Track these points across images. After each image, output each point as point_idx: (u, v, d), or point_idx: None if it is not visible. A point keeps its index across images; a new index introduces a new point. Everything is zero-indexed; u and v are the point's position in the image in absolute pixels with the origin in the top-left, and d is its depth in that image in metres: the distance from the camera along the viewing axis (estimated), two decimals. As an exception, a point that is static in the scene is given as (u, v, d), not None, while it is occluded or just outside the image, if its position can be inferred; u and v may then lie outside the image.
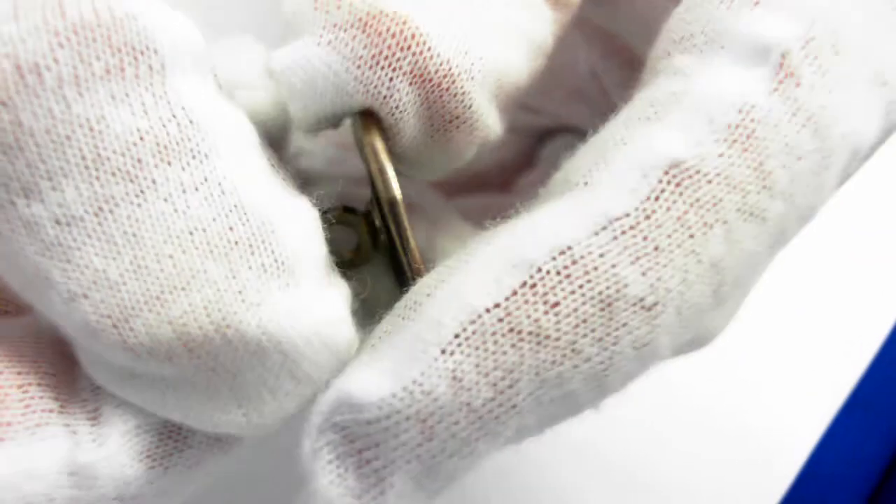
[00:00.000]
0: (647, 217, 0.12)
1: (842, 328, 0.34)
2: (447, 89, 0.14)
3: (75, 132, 0.11)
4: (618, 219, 0.12)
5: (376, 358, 0.13)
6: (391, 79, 0.14)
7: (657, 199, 0.12)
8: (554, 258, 0.12)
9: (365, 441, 0.12)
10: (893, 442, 0.33)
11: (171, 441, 0.14)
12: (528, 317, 0.12)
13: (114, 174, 0.12)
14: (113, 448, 0.13)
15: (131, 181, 0.12)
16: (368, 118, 0.14)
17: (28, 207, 0.12)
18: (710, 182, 0.12)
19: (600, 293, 0.12)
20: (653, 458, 0.32)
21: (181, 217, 0.12)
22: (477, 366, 0.12)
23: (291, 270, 0.13)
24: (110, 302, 0.12)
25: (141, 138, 0.12)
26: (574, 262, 0.12)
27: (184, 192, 0.12)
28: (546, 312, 0.12)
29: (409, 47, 0.13)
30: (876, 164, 0.18)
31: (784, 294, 0.34)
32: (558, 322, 0.12)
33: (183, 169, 0.12)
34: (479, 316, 0.12)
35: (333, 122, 0.15)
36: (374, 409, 0.12)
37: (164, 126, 0.12)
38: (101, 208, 0.12)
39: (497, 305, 0.12)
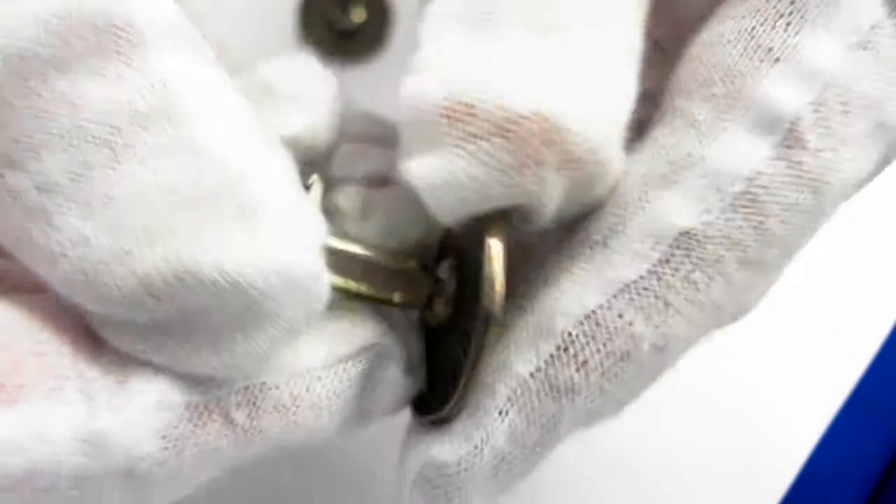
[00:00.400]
0: (658, 279, 0.14)
1: (842, 328, 0.34)
2: (593, 162, 0.14)
3: (56, 108, 0.13)
4: (633, 282, 0.14)
5: (448, 428, 0.16)
6: (540, 177, 0.14)
7: (667, 262, 0.14)
8: (581, 323, 0.15)
9: (448, 487, 0.15)
10: (893, 442, 0.33)
11: (189, 424, 0.14)
12: (563, 375, 0.15)
13: (91, 142, 0.13)
14: (130, 418, 0.13)
15: (108, 147, 0.13)
16: (498, 214, 0.15)
17: (13, 177, 0.13)
18: (714, 244, 0.14)
19: (620, 348, 0.15)
20: (652, 457, 0.32)
21: (153, 177, 0.13)
22: (527, 419, 0.15)
23: (257, 217, 0.13)
24: (85, 259, 0.13)
25: (118, 107, 0.13)
26: (598, 325, 0.14)
27: (158, 154, 0.13)
28: (577, 370, 0.15)
29: (553, 142, 0.14)
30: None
31: (784, 294, 0.34)
32: (587, 375, 0.15)
33: (159, 134, 0.13)
34: (525, 381, 0.15)
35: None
36: (454, 467, 0.15)
37: (141, 95, 0.13)
38: (78, 174, 0.13)
39: (539, 370, 0.15)
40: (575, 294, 0.15)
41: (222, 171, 0.13)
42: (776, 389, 0.33)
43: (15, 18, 0.12)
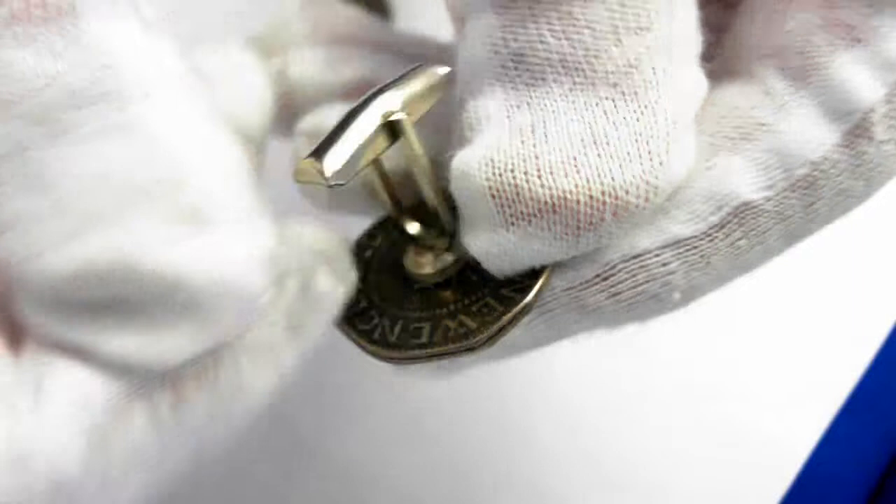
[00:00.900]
0: (710, 241, 0.15)
1: (841, 329, 0.34)
2: (646, 206, 0.14)
3: None
4: (686, 239, 0.15)
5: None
6: (597, 235, 0.14)
7: (722, 227, 0.15)
8: (627, 260, 0.15)
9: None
10: (893, 442, 0.33)
11: (115, 418, 0.13)
12: (595, 299, 0.15)
13: (22, 118, 0.12)
14: (52, 417, 0.12)
15: (40, 125, 0.12)
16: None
17: None
18: (766, 217, 0.15)
19: (654, 290, 0.15)
20: (652, 457, 0.32)
21: (93, 161, 0.12)
22: (548, 324, 0.16)
23: (204, 216, 0.13)
24: (29, 237, 0.12)
25: (48, 83, 0.12)
26: (641, 267, 0.15)
27: (96, 137, 0.12)
28: (609, 297, 0.15)
29: (605, 204, 0.14)
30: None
31: (784, 294, 0.34)
32: (616, 303, 0.15)
33: (96, 114, 0.12)
34: (558, 295, 0.15)
35: None
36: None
37: (75, 70, 0.12)
38: (12, 151, 0.12)
39: (573, 287, 0.15)
40: (632, 232, 0.15)
41: (172, 164, 0.13)
42: (776, 390, 0.33)
43: None
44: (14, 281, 0.13)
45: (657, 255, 0.15)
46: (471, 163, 0.14)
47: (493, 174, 0.14)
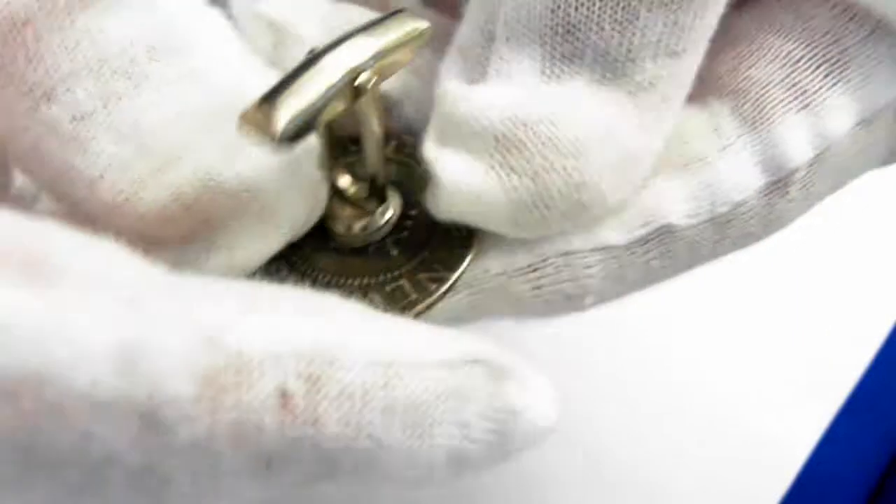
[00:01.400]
0: (630, 254, 0.16)
1: (842, 328, 0.34)
2: (601, 207, 0.16)
3: (81, 41, 0.14)
4: (612, 247, 0.16)
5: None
6: (547, 218, 0.15)
7: (644, 243, 0.16)
8: (558, 256, 0.16)
9: None
10: (893, 442, 0.33)
11: (234, 376, 0.12)
12: (517, 289, 0.16)
13: (114, 73, 0.14)
14: (171, 345, 0.11)
15: (129, 78, 0.14)
16: None
17: (48, 108, 0.14)
18: (681, 243, 0.16)
19: (570, 291, 0.16)
20: (653, 458, 0.32)
21: (171, 103, 0.15)
22: (475, 309, 0.17)
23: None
24: (122, 179, 0.14)
25: (132, 42, 0.14)
26: (568, 265, 0.16)
27: (171, 82, 0.15)
28: (531, 289, 0.16)
29: (578, 198, 0.15)
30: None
31: (784, 294, 0.34)
32: (534, 297, 0.16)
33: (169, 64, 0.15)
34: (489, 280, 0.16)
35: None
36: None
37: (151, 30, 0.15)
38: (106, 103, 0.14)
39: (503, 274, 0.16)
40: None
41: (227, 92, 0.15)
42: (776, 390, 0.33)
43: None
44: (120, 221, 0.15)
45: (584, 257, 0.16)
46: (489, 107, 0.15)
47: (510, 126, 0.15)
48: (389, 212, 0.17)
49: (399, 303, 0.16)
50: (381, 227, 0.17)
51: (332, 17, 0.17)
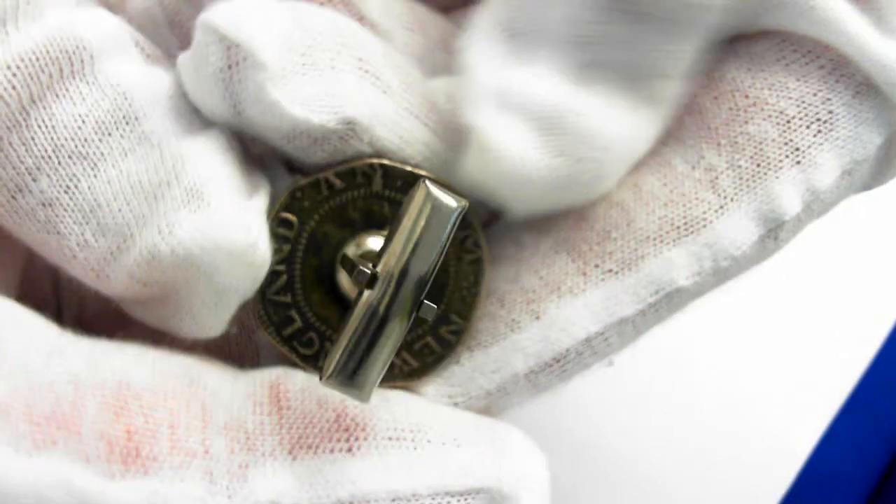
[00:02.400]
0: (644, 317, 0.17)
1: (841, 329, 0.34)
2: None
3: (36, 133, 0.15)
4: (627, 317, 0.17)
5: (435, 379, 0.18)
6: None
7: (655, 305, 0.17)
8: (580, 344, 0.17)
9: None
10: (893, 442, 0.33)
11: None
12: (547, 380, 0.17)
13: (69, 157, 0.15)
14: None
15: (85, 158, 0.15)
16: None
17: (22, 199, 0.15)
18: (688, 296, 0.17)
19: (593, 363, 0.17)
20: (653, 458, 0.32)
21: (125, 176, 0.15)
22: (503, 406, 0.18)
23: (201, 194, 0.15)
24: (91, 258, 0.15)
25: (83, 121, 0.15)
26: (589, 347, 0.17)
27: (125, 154, 0.15)
28: (558, 377, 0.17)
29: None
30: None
31: (784, 295, 0.34)
32: (561, 380, 0.17)
33: (122, 136, 0.15)
34: (519, 379, 0.17)
35: None
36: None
37: (99, 105, 0.15)
38: (68, 187, 0.15)
39: (533, 373, 0.17)
40: (582, 317, 0.17)
41: (172, 159, 0.15)
42: (776, 390, 0.33)
43: None
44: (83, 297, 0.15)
45: (602, 334, 0.17)
46: (540, 89, 0.16)
47: (562, 111, 0.16)
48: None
49: (429, 358, 0.17)
50: None
51: (297, 36, 0.16)
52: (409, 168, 0.17)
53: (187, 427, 0.14)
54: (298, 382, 0.16)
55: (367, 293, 0.14)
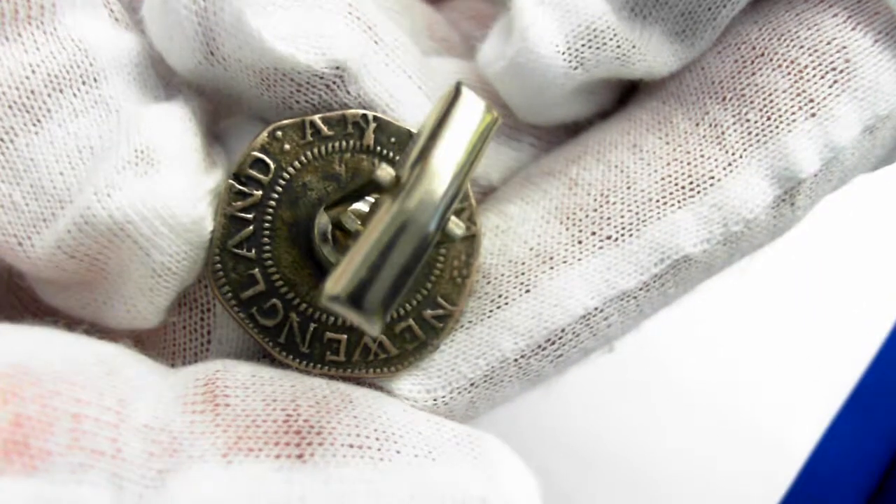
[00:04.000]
0: (647, 291, 0.15)
1: (841, 328, 0.34)
2: None
3: None
4: (628, 291, 0.15)
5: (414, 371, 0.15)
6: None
7: (660, 277, 0.15)
8: (576, 322, 0.15)
9: None
10: (893, 442, 0.33)
11: None
12: (538, 366, 0.15)
13: (10, 107, 0.13)
14: None
15: (27, 111, 0.13)
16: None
17: None
18: (696, 268, 0.16)
19: (593, 347, 0.16)
20: (654, 458, 0.32)
21: (72, 138, 0.13)
22: (491, 397, 0.15)
23: (150, 159, 0.13)
24: (15, 223, 0.13)
25: (33, 72, 0.13)
26: (587, 326, 0.15)
27: (76, 115, 0.14)
28: (552, 362, 0.15)
29: None
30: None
31: (784, 294, 0.34)
32: (556, 366, 0.15)
33: (75, 95, 0.14)
34: (507, 364, 0.15)
35: None
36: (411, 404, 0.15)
37: (54, 57, 0.14)
38: (2, 139, 0.13)
39: (523, 356, 0.15)
40: (578, 291, 0.15)
41: (127, 123, 0.14)
42: (776, 390, 0.33)
43: None
44: (13, 264, 0.14)
45: (601, 311, 0.15)
46: (591, 3, 0.15)
47: (605, 29, 0.15)
48: None
49: (411, 344, 0.15)
50: None
51: None
52: (407, 126, 0.15)
53: (96, 421, 0.12)
54: (241, 377, 0.13)
55: (388, 200, 0.12)
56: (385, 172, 0.12)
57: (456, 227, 0.13)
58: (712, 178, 0.15)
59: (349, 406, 0.13)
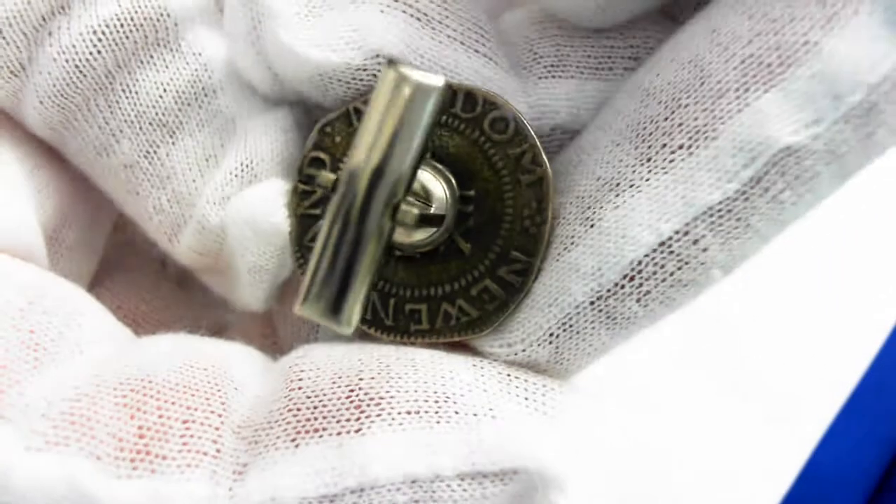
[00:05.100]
0: (746, 199, 0.13)
1: (841, 330, 0.34)
2: None
3: (120, 98, 0.15)
4: (717, 204, 0.13)
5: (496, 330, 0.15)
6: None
7: (759, 181, 0.12)
8: (653, 251, 0.13)
9: None
10: (893, 442, 0.33)
11: None
12: (623, 307, 0.13)
13: (150, 124, 0.15)
14: None
15: (164, 126, 0.15)
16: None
17: (108, 159, 0.16)
18: (814, 159, 0.12)
19: (688, 277, 0.13)
20: (653, 457, 0.32)
21: (200, 147, 0.16)
22: (577, 346, 0.14)
23: (253, 172, 0.15)
24: (165, 223, 0.16)
25: (165, 90, 0.15)
26: (670, 254, 0.13)
27: (202, 126, 0.16)
28: (638, 300, 0.13)
29: None
30: (875, 166, 0.19)
31: (784, 296, 0.34)
32: (647, 305, 0.13)
33: (200, 107, 0.16)
34: (583, 309, 0.13)
35: None
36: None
37: (180, 73, 0.15)
38: (147, 152, 0.15)
39: (599, 299, 0.13)
40: (649, 215, 0.13)
41: (237, 133, 0.16)
42: (776, 390, 0.33)
43: (76, 36, 0.15)
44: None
45: (686, 235, 0.13)
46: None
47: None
48: (440, 192, 0.15)
49: (490, 304, 0.14)
50: (439, 215, 0.15)
51: None
52: (457, 88, 0.15)
53: (202, 424, 0.13)
54: (316, 359, 0.14)
55: (332, 199, 0.13)
56: (322, 175, 0.14)
57: (406, 216, 0.13)
58: (807, 42, 0.12)
59: (411, 371, 0.13)
